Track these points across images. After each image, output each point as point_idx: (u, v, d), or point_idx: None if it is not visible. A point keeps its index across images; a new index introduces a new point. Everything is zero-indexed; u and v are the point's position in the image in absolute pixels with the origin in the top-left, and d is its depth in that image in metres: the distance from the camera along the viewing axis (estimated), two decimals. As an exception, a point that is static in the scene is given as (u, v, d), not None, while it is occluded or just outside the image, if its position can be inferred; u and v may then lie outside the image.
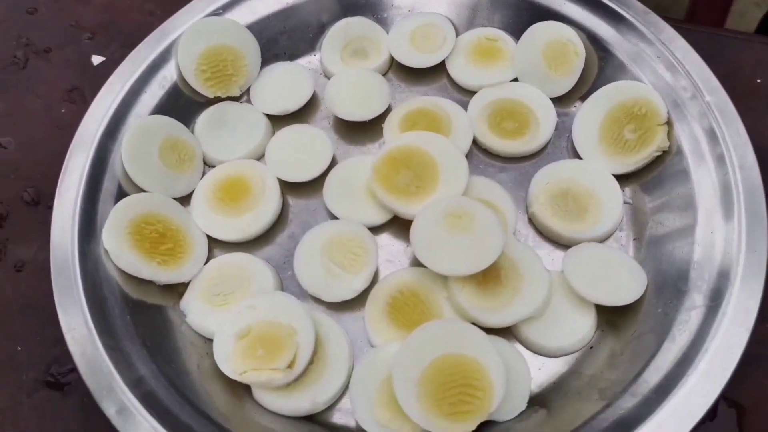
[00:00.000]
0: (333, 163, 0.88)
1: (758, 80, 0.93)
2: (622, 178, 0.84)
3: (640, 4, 0.87)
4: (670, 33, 0.85)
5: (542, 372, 0.75)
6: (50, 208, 0.88)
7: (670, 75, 0.83)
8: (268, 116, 0.92)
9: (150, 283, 0.78)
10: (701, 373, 0.65)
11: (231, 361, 0.72)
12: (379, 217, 0.83)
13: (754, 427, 0.72)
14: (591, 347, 0.75)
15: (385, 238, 0.84)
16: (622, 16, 0.87)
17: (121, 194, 0.82)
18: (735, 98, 0.81)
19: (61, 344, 0.78)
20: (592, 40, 0.89)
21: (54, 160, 0.91)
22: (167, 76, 0.90)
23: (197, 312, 0.78)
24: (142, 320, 0.75)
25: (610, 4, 0.88)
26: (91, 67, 1.02)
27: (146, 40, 0.91)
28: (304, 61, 0.98)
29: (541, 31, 0.91)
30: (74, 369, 0.77)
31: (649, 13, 0.87)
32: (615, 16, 0.88)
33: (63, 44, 1.04)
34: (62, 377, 0.79)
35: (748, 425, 0.73)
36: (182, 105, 0.91)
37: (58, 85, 1.00)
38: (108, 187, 0.82)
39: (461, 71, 0.94)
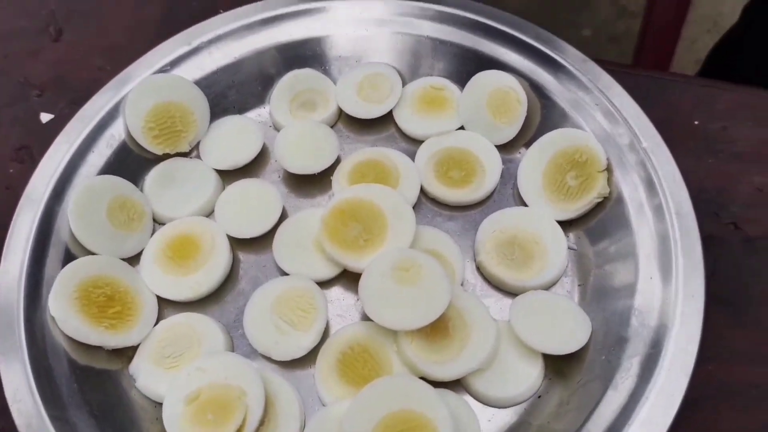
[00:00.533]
0: (283, 216, 0.88)
1: (696, 122, 0.95)
2: (567, 224, 0.86)
3: (578, 52, 0.90)
4: (607, 80, 0.87)
5: (492, 423, 0.76)
6: (-3, 273, 0.88)
7: (608, 122, 0.85)
8: (218, 171, 0.92)
9: (98, 348, 0.78)
10: (643, 421, 0.66)
11: (180, 428, 0.71)
12: (329, 272, 0.84)
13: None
14: (539, 396, 0.76)
15: (336, 292, 0.84)
16: (560, 65, 0.89)
17: (68, 257, 0.82)
18: (674, 140, 0.84)
19: (4, 416, 0.78)
20: (534, 87, 0.92)
21: (1, 221, 0.91)
22: (115, 134, 0.90)
23: (147, 375, 0.78)
24: (91, 387, 0.75)
25: (549, 52, 0.90)
26: (40, 125, 1.01)
27: (94, 98, 0.91)
28: (253, 114, 0.99)
29: (484, 79, 0.93)
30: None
31: (587, 61, 0.89)
32: (554, 65, 0.90)
33: (11, 102, 1.04)
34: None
35: (694, 468, 0.74)
36: (131, 163, 0.91)
37: (6, 144, 1.00)
38: (55, 249, 0.82)
39: (408, 121, 0.95)
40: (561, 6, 2.35)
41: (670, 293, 0.73)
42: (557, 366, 0.77)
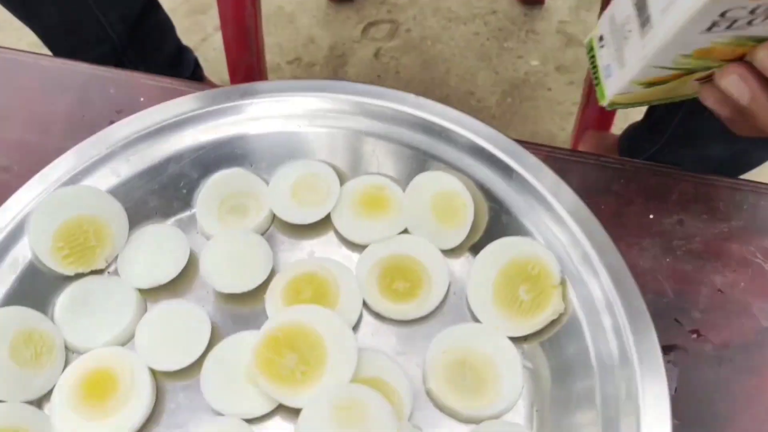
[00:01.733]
0: (212, 342, 0.80)
1: (651, 216, 0.91)
2: (521, 340, 0.80)
3: (529, 154, 0.84)
4: (558, 185, 0.82)
5: None
6: None
7: (560, 230, 0.80)
8: (139, 290, 0.84)
9: None
10: None
11: None
12: (263, 407, 0.76)
13: None
14: None
15: (274, 428, 0.76)
16: (509, 167, 0.84)
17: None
18: (628, 237, 0.83)
19: None
20: (482, 189, 0.86)
21: None
22: (19, 258, 0.81)
23: None
24: None
25: (498, 153, 0.84)
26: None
27: (-6, 216, 0.82)
28: (181, 217, 0.91)
29: (426, 181, 0.87)
30: None
31: (540, 164, 0.83)
32: (502, 167, 0.84)
33: None
34: None
35: None
36: (39, 286, 0.82)
37: None
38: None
39: (348, 225, 0.88)
40: (507, 36, 2.34)
41: (633, 421, 0.68)
42: None
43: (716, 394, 0.79)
